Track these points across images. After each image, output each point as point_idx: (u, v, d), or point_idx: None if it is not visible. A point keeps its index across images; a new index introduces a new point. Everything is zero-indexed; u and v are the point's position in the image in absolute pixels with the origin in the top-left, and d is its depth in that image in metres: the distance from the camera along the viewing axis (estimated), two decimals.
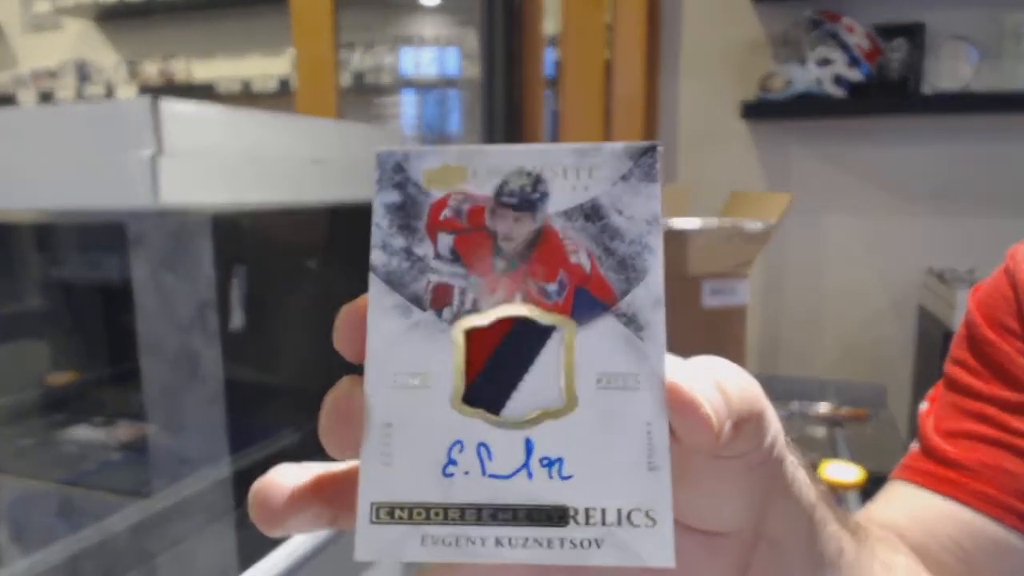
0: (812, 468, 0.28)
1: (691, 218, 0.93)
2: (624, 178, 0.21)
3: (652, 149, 0.21)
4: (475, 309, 0.20)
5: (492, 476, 0.19)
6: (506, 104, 1.43)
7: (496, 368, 0.20)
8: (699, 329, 0.95)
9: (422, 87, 2.49)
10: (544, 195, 0.21)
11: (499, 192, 0.21)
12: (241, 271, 0.71)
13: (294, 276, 0.82)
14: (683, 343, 0.21)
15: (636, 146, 0.21)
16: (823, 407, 1.24)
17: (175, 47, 2.83)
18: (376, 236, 0.21)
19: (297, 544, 0.68)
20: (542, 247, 0.21)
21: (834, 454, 1.08)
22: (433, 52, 2.45)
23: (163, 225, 0.68)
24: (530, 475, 0.19)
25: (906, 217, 1.76)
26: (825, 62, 1.62)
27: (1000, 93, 1.60)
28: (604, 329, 0.20)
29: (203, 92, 2.62)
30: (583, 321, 0.20)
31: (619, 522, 0.19)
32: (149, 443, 0.73)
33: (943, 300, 1.51)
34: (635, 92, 1.69)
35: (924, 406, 0.51)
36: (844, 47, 1.61)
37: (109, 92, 2.81)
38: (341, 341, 0.21)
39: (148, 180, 0.65)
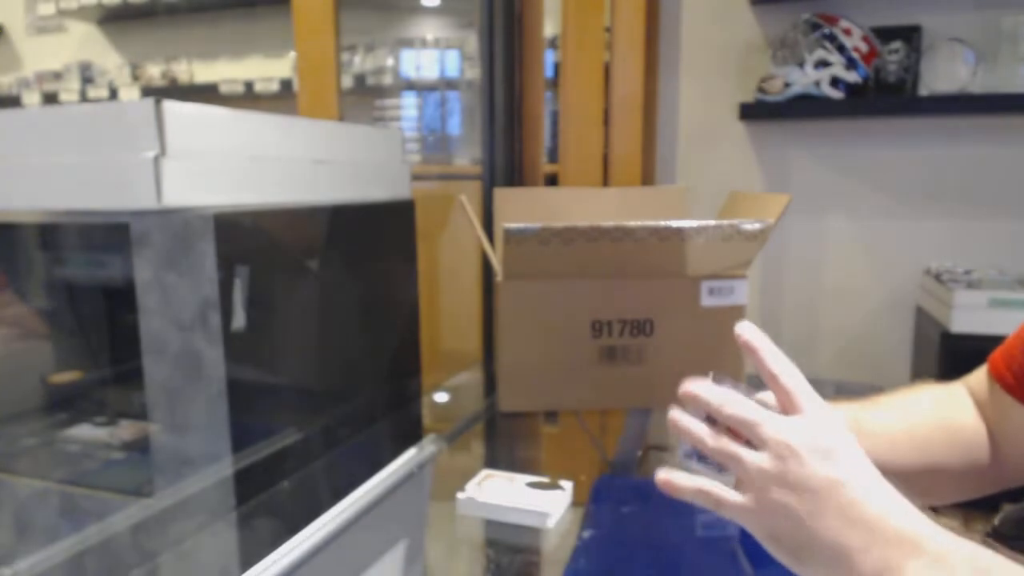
0: None
1: (690, 218, 0.94)
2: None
3: None
4: None
5: None
6: (506, 105, 1.43)
7: None
8: (698, 329, 0.95)
9: (423, 89, 2.50)
10: None
11: None
12: (243, 271, 0.71)
13: (296, 276, 0.83)
14: (682, 343, 0.21)
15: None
16: None
17: (178, 49, 2.84)
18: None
19: (297, 543, 0.69)
20: None
21: None
22: (434, 54, 2.46)
23: (166, 225, 0.68)
24: None
25: (903, 218, 1.77)
26: (823, 64, 1.63)
27: (997, 95, 1.61)
28: None
29: (206, 93, 2.62)
30: None
31: None
32: (151, 443, 0.73)
33: (940, 300, 1.51)
34: (634, 93, 1.69)
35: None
36: (841, 49, 1.62)
37: (113, 94, 2.82)
38: None
39: (151, 181, 0.65)
